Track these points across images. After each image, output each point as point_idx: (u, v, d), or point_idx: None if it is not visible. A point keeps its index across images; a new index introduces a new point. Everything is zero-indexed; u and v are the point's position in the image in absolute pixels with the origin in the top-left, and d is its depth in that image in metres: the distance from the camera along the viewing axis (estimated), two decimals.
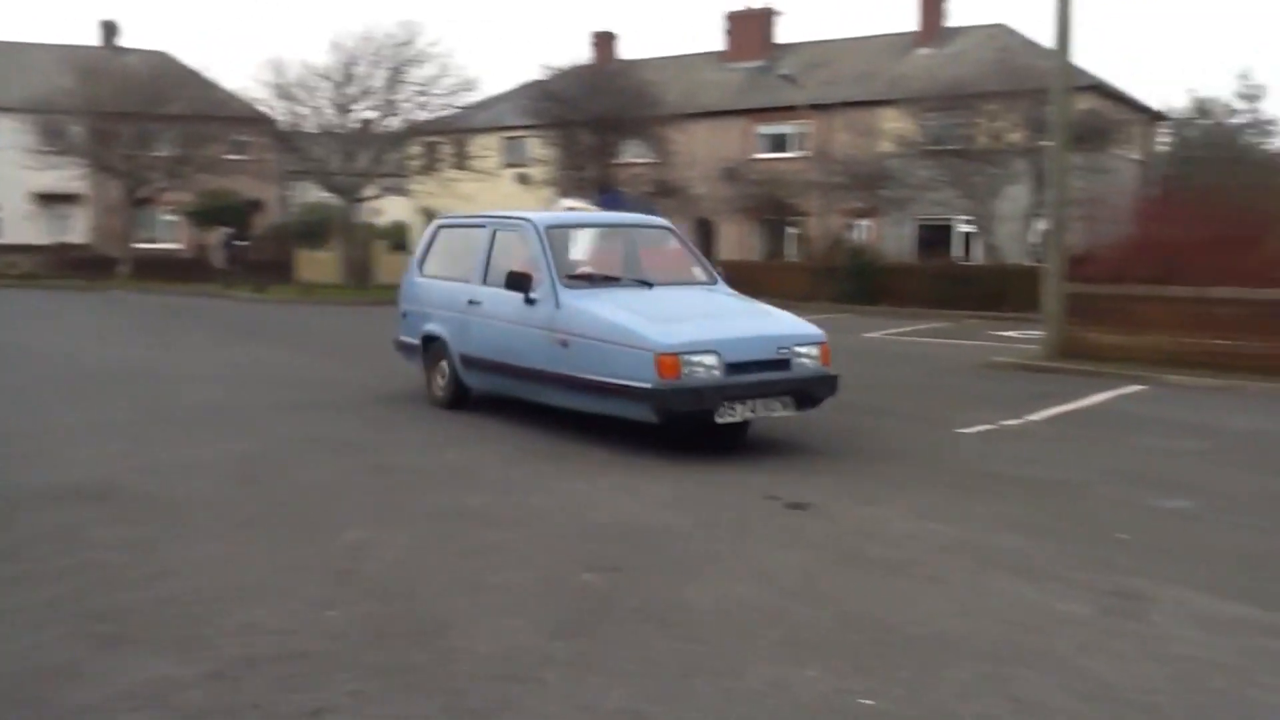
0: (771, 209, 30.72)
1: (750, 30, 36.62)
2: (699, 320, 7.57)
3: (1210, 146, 38.96)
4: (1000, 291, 22.65)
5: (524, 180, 32.70)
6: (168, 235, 39.29)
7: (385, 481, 6.73)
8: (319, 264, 31.58)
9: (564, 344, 7.59)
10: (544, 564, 5.02)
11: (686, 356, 7.00)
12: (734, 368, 7.13)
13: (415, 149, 32.49)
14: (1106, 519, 6.00)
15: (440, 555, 5.16)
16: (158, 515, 5.87)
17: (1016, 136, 24.61)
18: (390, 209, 36.40)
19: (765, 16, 36.81)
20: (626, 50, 38.80)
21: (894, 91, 28.52)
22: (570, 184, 28.27)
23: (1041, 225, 19.72)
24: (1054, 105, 14.36)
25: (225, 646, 3.97)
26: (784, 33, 39.87)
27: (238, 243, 31.52)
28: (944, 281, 24.36)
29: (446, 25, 78.74)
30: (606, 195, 24.57)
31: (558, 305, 7.78)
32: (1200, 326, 12.89)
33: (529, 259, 8.30)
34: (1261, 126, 41.00)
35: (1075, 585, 4.76)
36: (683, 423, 7.29)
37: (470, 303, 8.81)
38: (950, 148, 25.83)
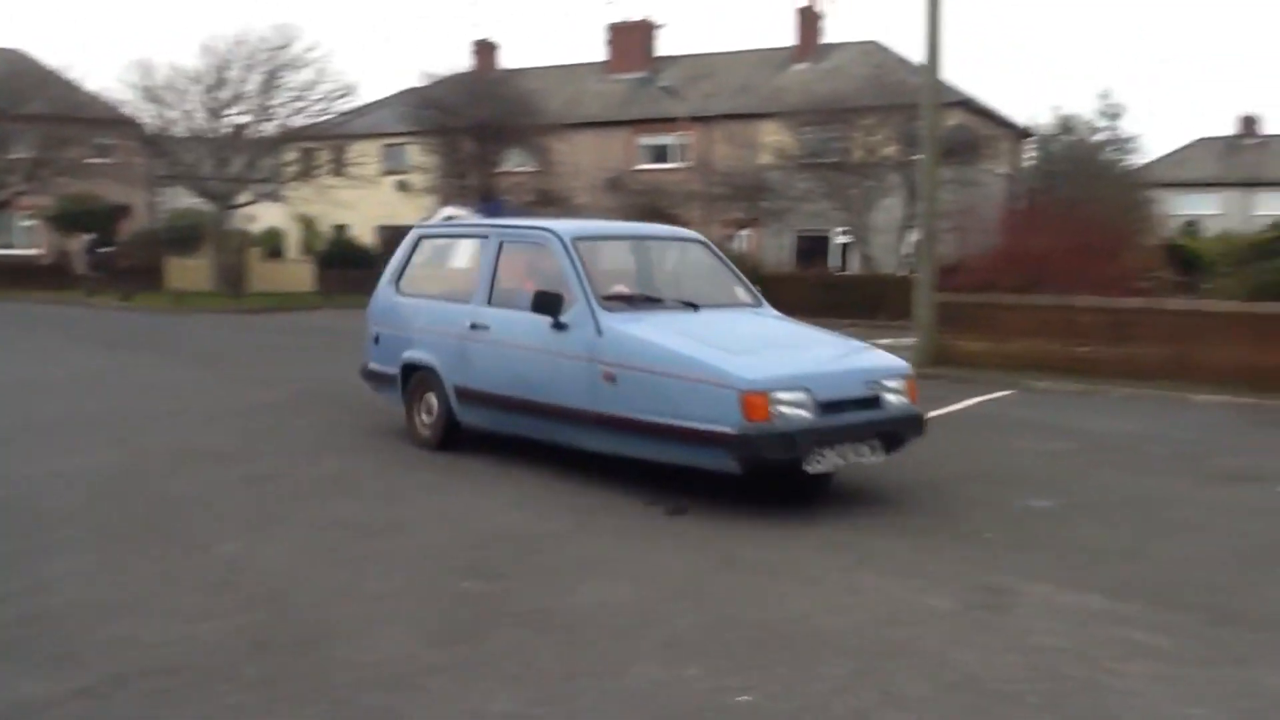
0: (654, 219, 30.96)
1: (632, 42, 36.93)
2: (777, 351, 6.53)
3: (1073, 162, 40.58)
4: (876, 300, 23.28)
5: (404, 188, 32.37)
6: (26, 241, 37.60)
7: (263, 491, 6.61)
8: (191, 271, 30.66)
9: (610, 378, 6.36)
10: (425, 572, 5.00)
11: (775, 394, 5.89)
12: (825, 407, 6.04)
13: (291, 155, 31.82)
14: (975, 519, 6.24)
15: (320, 565, 5.10)
16: (22, 529, 5.66)
17: (890, 150, 25.38)
18: (265, 216, 35.57)
19: (646, 29, 37.18)
20: (508, 59, 38.74)
21: (772, 105, 29.13)
22: (451, 192, 28.07)
23: (914, 236, 20.34)
24: (924, 121, 14.84)
25: (96, 663, 3.86)
26: (665, 45, 40.28)
27: (102, 249, 30.33)
28: (822, 290, 24.90)
29: (324, 30, 77.55)
30: (488, 204, 24.45)
31: (599, 331, 6.54)
32: (1064, 334, 13.50)
33: (550, 276, 7.05)
34: (1121, 143, 42.96)
35: (944, 582, 4.95)
36: (768, 473, 6.28)
37: (472, 327, 7.40)
38: (827, 161, 26.50)
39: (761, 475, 6.26)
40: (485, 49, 38.83)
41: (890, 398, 6.42)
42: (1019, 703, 3.68)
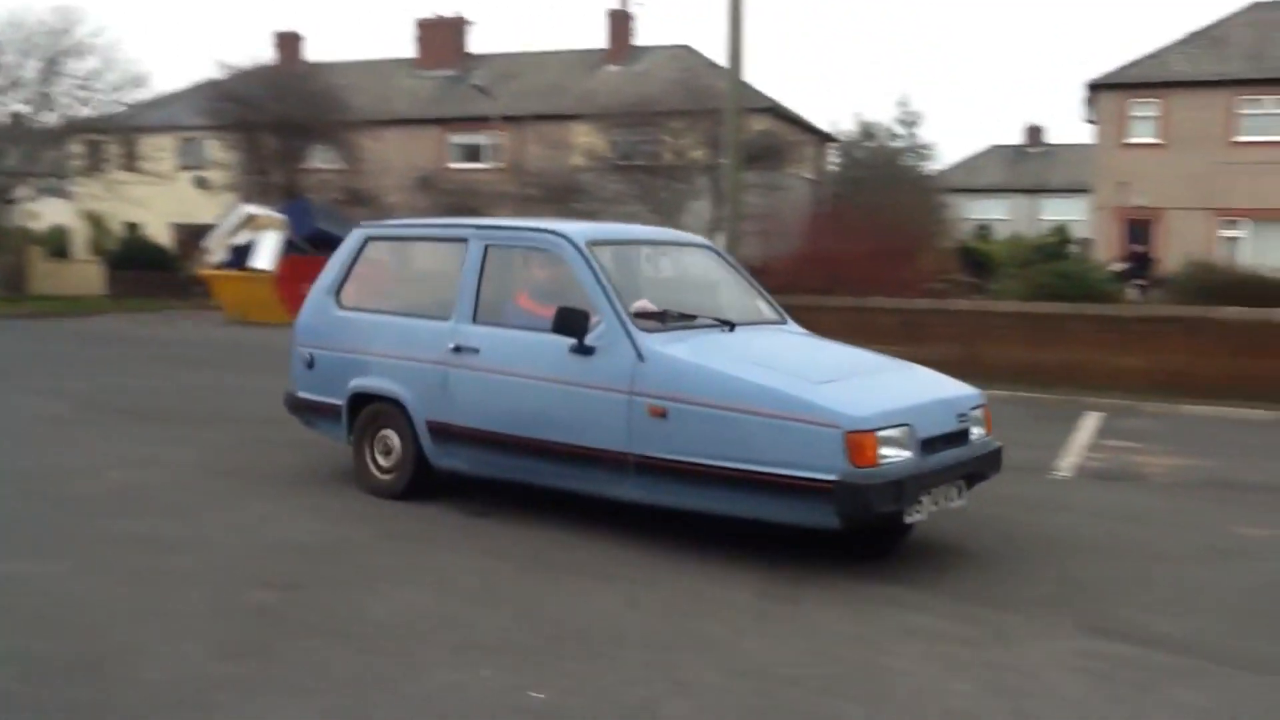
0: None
1: (442, 38, 36.50)
2: (858, 380, 5.55)
3: (874, 167, 42.43)
4: None
5: (202, 184, 31.07)
6: None
7: (44, 509, 6.26)
8: None
9: (659, 414, 5.31)
10: (217, 586, 4.86)
11: (882, 433, 5.00)
12: (925, 445, 5.20)
13: (77, 148, 30.05)
14: None
15: (103, 584, 4.88)
16: None
17: (699, 154, 25.92)
18: (50, 213, 33.45)
19: (457, 25, 36.82)
20: (312, 52, 37.60)
21: (584, 107, 29.30)
22: (253, 189, 27.11)
23: (720, 239, 20.86)
24: (728, 125, 15.25)
25: None
26: (476, 43, 39.99)
27: None
28: None
29: (112, 16, 73.38)
30: (293, 203, 23.76)
31: (640, 356, 5.46)
32: (861, 333, 13.99)
33: (553, 288, 6.04)
34: (918, 150, 45.12)
35: (738, 575, 5.13)
36: (871, 528, 5.32)
37: (456, 350, 6.11)
38: (638, 163, 26.85)
39: (861, 532, 5.30)
40: (288, 41, 37.57)
41: (975, 430, 5.67)
42: (801, 685, 3.86)
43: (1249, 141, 25.54)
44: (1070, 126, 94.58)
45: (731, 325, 5.97)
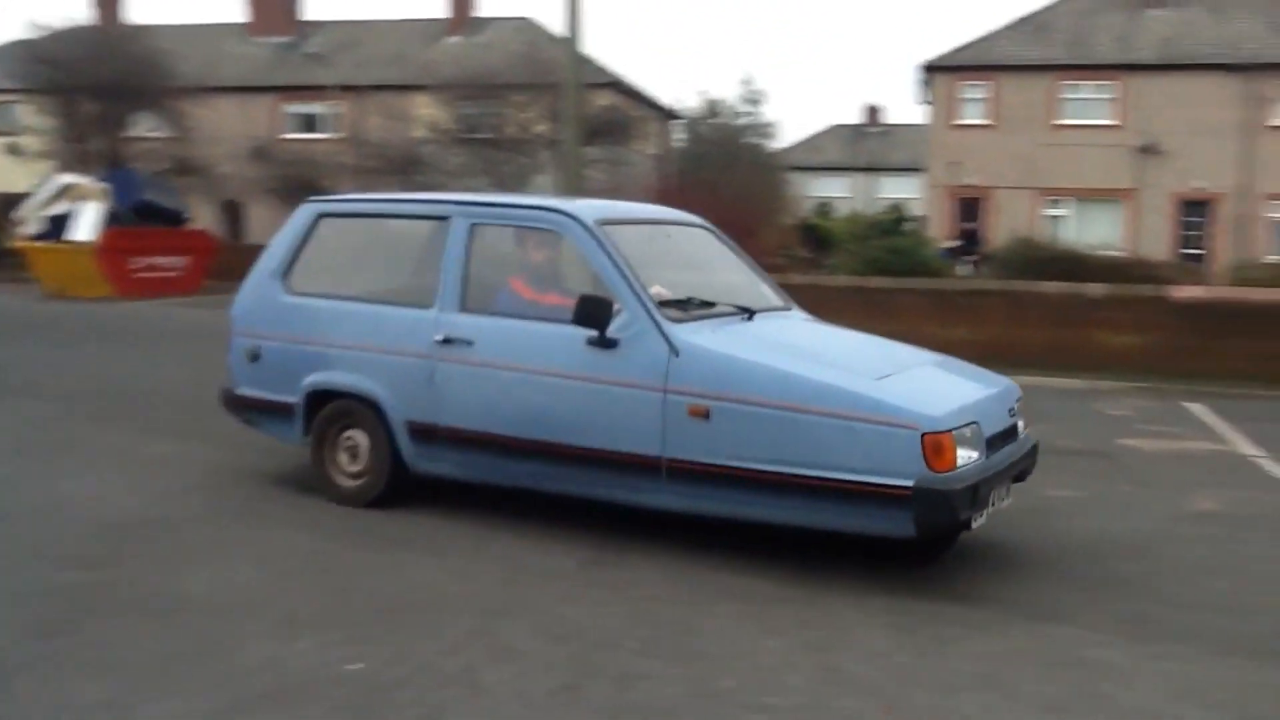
0: (305, 191, 29.82)
1: (274, 3, 35.19)
2: (914, 374, 5.15)
3: (717, 144, 42.98)
4: None
5: (14, 151, 29.18)
6: None
7: None
8: None
9: (700, 414, 4.81)
10: (22, 566, 4.65)
11: (958, 433, 4.61)
12: (990, 444, 4.87)
13: None
14: None
15: None
16: None
17: (542, 128, 25.80)
18: None
19: None
20: (134, 13, 35.80)
21: (425, 77, 28.74)
22: (71, 157, 25.72)
23: None
24: (567, 99, 15.22)
25: None
26: (311, 9, 38.75)
27: None
28: None
29: None
30: (117, 171, 22.63)
31: (674, 350, 4.93)
32: None
33: (563, 273, 5.59)
34: (761, 128, 45.90)
35: (564, 545, 5.16)
36: (941, 537, 4.99)
37: (445, 342, 5.44)
38: (482, 136, 26.56)
39: (929, 541, 4.94)
40: (107, 1, 35.65)
41: (1020, 425, 5.38)
42: (618, 648, 3.94)
43: (1070, 124, 26.89)
44: (907, 107, 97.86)
45: (751, 313, 5.52)
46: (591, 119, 25.06)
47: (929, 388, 4.97)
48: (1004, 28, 29.12)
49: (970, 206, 28.05)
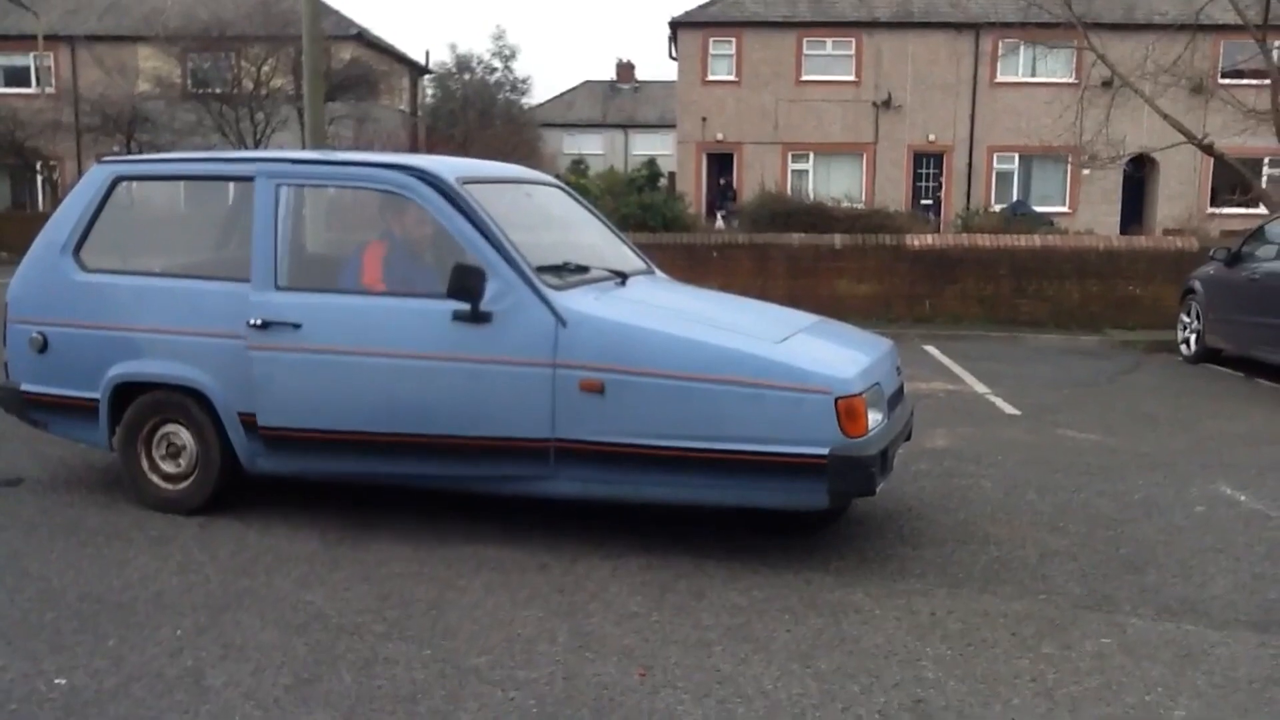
0: (12, 153, 27.19)
1: None
2: (808, 336, 4.81)
3: (468, 100, 42.19)
4: None
5: None
6: None
7: None
8: None
9: (594, 389, 4.37)
10: None
11: (867, 396, 4.36)
12: (890, 407, 4.70)
13: None
14: None
15: None
16: None
17: (282, 82, 24.52)
18: None
19: None
20: None
21: (148, 28, 26.73)
22: None
23: None
24: (306, 51, 14.42)
25: None
26: None
27: None
28: None
29: None
30: None
31: (561, 321, 4.44)
32: None
33: (405, 240, 4.96)
34: (514, 84, 45.35)
35: (307, 525, 4.84)
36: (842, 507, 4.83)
37: (262, 326, 4.70)
38: (215, 91, 24.98)
39: (833, 513, 4.78)
40: None
41: (905, 387, 5.22)
42: (366, 632, 3.70)
43: (814, 80, 27.83)
44: (660, 64, 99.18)
45: (624, 277, 5.08)
46: (335, 73, 24.03)
47: (828, 350, 4.71)
48: None
49: (721, 162, 28.67)
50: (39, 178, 28.57)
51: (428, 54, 42.32)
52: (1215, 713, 3.27)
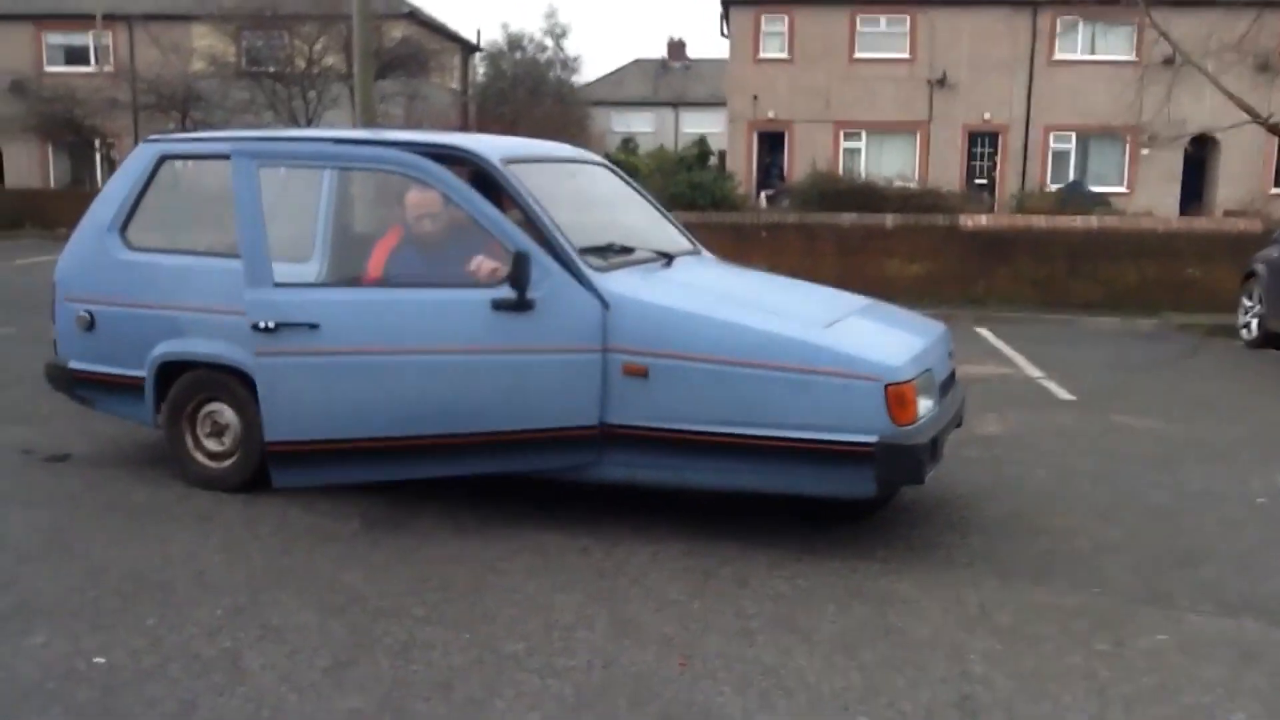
0: (71, 130, 27.59)
1: None
2: (859, 321, 4.71)
3: (519, 79, 42.18)
4: None
5: None
6: None
7: None
8: None
9: (637, 373, 4.30)
10: None
11: (918, 383, 4.26)
12: (941, 394, 4.60)
13: None
14: None
15: None
16: None
17: (333, 60, 24.61)
18: None
19: None
20: None
21: (203, 6, 26.93)
22: None
23: None
24: (357, 29, 14.43)
25: None
26: None
27: None
28: None
29: None
30: None
31: (605, 304, 4.34)
32: None
33: (448, 224, 4.67)
34: (565, 62, 45.28)
35: (347, 506, 4.79)
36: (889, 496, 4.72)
37: (271, 330, 4.46)
38: (268, 70, 25.15)
39: (880, 500, 4.63)
40: None
41: (956, 371, 5.12)
42: (404, 615, 3.67)
43: (866, 58, 27.42)
44: (711, 41, 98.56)
45: (670, 258, 5.00)
46: (386, 51, 24.08)
47: (878, 334, 4.60)
48: None
49: (772, 141, 28.38)
50: (97, 155, 28.99)
51: (479, 33, 42.41)
52: (1276, 715, 3.14)
